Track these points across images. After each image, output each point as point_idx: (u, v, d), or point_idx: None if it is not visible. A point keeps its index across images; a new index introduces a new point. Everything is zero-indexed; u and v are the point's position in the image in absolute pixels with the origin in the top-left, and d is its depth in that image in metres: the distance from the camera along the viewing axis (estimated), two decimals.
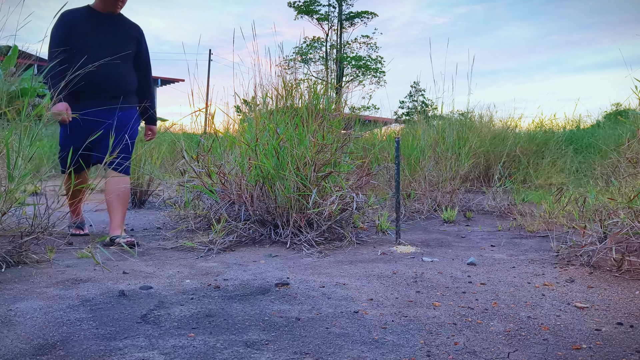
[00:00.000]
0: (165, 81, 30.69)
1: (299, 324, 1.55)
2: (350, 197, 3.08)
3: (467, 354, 1.31)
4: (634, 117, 4.22)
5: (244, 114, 4.17)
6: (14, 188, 2.33)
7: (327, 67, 11.83)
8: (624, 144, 3.20)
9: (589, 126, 9.19)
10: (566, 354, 1.31)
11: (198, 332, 1.47)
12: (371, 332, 1.47)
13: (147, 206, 4.88)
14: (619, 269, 2.13)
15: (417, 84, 32.69)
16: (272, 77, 3.51)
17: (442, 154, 4.91)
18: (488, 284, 2.02)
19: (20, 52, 7.52)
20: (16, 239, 2.37)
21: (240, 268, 2.32)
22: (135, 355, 1.29)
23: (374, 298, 1.82)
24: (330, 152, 3.11)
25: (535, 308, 1.70)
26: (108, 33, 2.82)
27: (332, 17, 29.67)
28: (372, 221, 3.68)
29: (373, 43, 30.31)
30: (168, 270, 2.27)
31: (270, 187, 2.98)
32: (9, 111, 2.41)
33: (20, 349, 1.33)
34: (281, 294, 1.87)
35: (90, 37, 2.77)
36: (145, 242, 3.03)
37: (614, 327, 1.50)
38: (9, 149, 2.27)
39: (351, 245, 2.91)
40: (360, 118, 5.27)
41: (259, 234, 3.01)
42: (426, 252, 2.74)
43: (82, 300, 1.77)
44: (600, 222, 2.49)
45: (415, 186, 4.75)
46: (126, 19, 2.96)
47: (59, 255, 2.58)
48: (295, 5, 29.22)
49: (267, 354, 1.31)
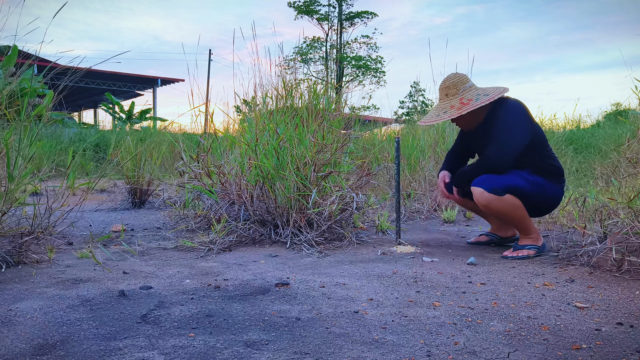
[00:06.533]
0: (165, 81, 30.72)
1: (299, 324, 1.55)
2: (350, 197, 3.08)
3: (467, 354, 1.31)
4: (634, 117, 4.23)
5: (244, 114, 4.17)
6: (14, 188, 2.33)
7: (327, 67, 11.83)
8: (624, 144, 3.20)
9: (589, 126, 9.19)
10: (566, 354, 1.31)
11: (198, 332, 1.47)
12: (371, 332, 1.47)
13: (147, 206, 4.88)
14: (619, 269, 2.13)
15: (417, 84, 32.73)
16: (272, 77, 3.51)
17: (442, 154, 4.91)
18: (488, 284, 2.02)
19: (20, 52, 7.53)
20: (16, 239, 2.37)
21: (240, 268, 2.32)
22: (135, 355, 1.29)
23: (374, 298, 1.82)
24: (330, 152, 3.11)
25: (535, 308, 1.70)
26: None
27: (332, 17, 29.70)
28: (372, 221, 3.68)
29: (373, 43, 30.32)
30: (168, 270, 2.27)
31: (270, 187, 2.98)
32: (8, 112, 2.41)
33: (20, 349, 1.33)
34: (281, 294, 1.87)
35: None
36: (145, 242, 3.03)
37: (614, 327, 1.50)
38: (9, 149, 2.27)
39: (351, 245, 2.91)
40: (360, 118, 5.27)
41: (259, 234, 3.01)
42: (426, 252, 2.74)
43: (82, 300, 1.77)
44: (600, 222, 2.49)
45: (415, 186, 4.76)
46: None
47: (59, 255, 2.58)
48: (295, 5, 29.23)
49: (267, 354, 1.31)
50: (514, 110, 2.57)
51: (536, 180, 2.57)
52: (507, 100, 2.64)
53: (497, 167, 2.55)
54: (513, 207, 2.51)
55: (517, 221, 2.57)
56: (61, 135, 10.74)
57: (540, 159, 2.60)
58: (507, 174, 2.54)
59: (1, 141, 2.33)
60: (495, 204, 2.49)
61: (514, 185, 2.50)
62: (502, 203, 2.49)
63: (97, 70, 23.66)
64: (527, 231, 2.60)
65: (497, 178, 2.51)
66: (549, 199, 2.63)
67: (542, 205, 2.65)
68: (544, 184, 2.58)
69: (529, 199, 2.54)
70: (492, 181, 2.51)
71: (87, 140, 9.28)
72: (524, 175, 2.55)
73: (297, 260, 2.52)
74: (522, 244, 2.60)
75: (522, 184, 2.52)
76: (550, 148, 2.68)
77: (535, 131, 2.60)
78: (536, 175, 2.58)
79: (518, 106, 2.59)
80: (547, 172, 2.61)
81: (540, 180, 2.58)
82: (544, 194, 2.58)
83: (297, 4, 29.16)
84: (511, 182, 2.50)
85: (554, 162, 2.64)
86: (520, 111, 2.58)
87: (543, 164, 2.60)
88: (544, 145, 2.62)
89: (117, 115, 22.56)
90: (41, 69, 3.13)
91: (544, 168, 2.60)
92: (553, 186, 2.61)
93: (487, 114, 2.67)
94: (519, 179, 2.53)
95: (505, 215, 2.55)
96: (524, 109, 2.60)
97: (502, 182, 2.50)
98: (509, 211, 2.52)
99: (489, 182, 2.51)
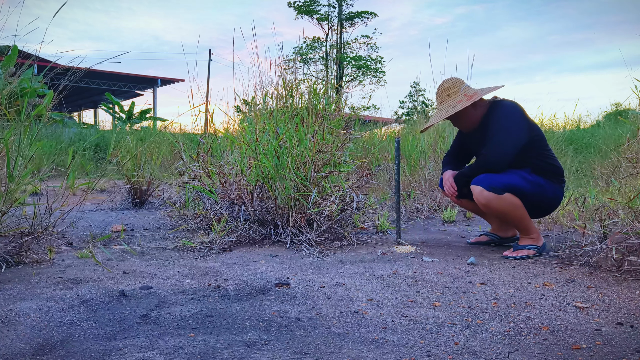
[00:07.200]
0: (165, 81, 30.72)
1: (299, 324, 1.55)
2: (350, 197, 3.08)
3: (467, 354, 1.31)
4: (634, 117, 4.22)
5: (244, 114, 4.17)
6: (14, 188, 2.33)
7: (327, 67, 11.83)
8: (624, 144, 3.20)
9: (589, 126, 9.19)
10: (566, 354, 1.31)
11: (198, 332, 1.47)
12: (371, 332, 1.47)
13: (147, 206, 4.88)
14: (619, 269, 2.13)
15: (417, 84, 32.75)
16: (272, 77, 3.52)
17: (442, 154, 4.91)
18: (488, 284, 2.02)
19: (20, 52, 7.53)
20: (16, 239, 2.37)
21: (240, 268, 2.32)
22: (135, 355, 1.29)
23: (374, 298, 1.82)
24: (330, 152, 3.11)
25: (535, 308, 1.70)
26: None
27: (332, 17, 29.69)
28: (372, 221, 3.68)
29: (373, 43, 30.31)
30: (168, 270, 2.27)
31: (270, 187, 2.98)
32: (8, 112, 2.41)
33: (20, 349, 1.33)
34: (281, 294, 1.87)
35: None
36: (145, 242, 3.03)
37: (614, 327, 1.50)
38: (9, 149, 2.27)
39: (351, 245, 2.91)
40: (360, 118, 5.27)
41: (259, 234, 3.01)
42: (426, 252, 2.74)
43: (82, 300, 1.77)
44: (600, 222, 2.49)
45: (415, 186, 4.76)
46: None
47: (59, 255, 2.58)
48: (295, 5, 29.22)
49: (267, 354, 1.31)
50: (511, 110, 2.59)
51: (536, 180, 2.57)
52: (503, 101, 2.65)
53: (494, 166, 2.55)
54: (513, 206, 2.51)
55: (517, 221, 2.57)
56: (61, 135, 10.74)
57: (540, 158, 2.60)
58: (507, 173, 2.54)
59: (1, 141, 2.33)
60: (495, 202, 2.49)
61: (513, 185, 2.50)
62: (502, 202, 2.49)
63: (97, 70, 23.66)
64: (528, 231, 2.60)
65: (497, 177, 2.52)
66: (549, 199, 2.63)
67: (542, 206, 2.65)
68: (543, 184, 2.58)
69: (528, 198, 2.54)
70: (492, 180, 2.51)
71: (87, 140, 9.28)
72: (523, 174, 2.56)
73: (297, 260, 2.52)
74: (522, 244, 2.60)
75: (522, 184, 2.52)
76: (550, 148, 2.68)
77: (533, 131, 2.60)
78: (536, 175, 2.58)
79: (514, 107, 2.61)
80: (546, 172, 2.61)
81: (540, 180, 2.58)
82: (543, 193, 2.58)
83: (297, 4, 29.16)
84: (510, 181, 2.51)
85: (554, 162, 2.64)
86: (517, 111, 2.59)
87: (542, 164, 2.60)
88: (543, 145, 2.62)
89: (117, 115, 22.56)
90: (41, 69, 3.13)
91: (543, 168, 2.60)
92: (553, 186, 2.61)
93: (484, 115, 2.68)
94: (518, 178, 2.53)
95: (505, 214, 2.55)
96: (521, 110, 2.61)
97: (502, 181, 2.50)
98: (508, 210, 2.52)
99: (488, 181, 2.51)
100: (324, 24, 29.86)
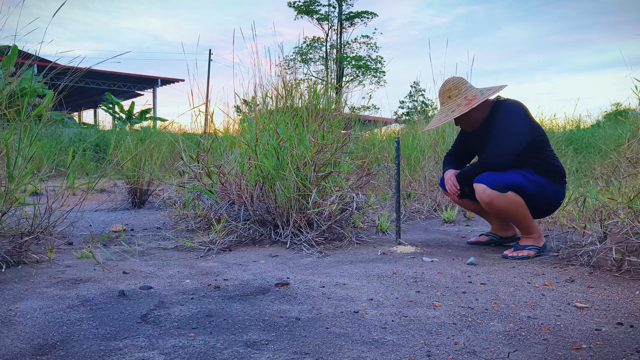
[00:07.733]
0: (165, 81, 30.73)
1: (299, 324, 1.55)
2: (350, 197, 3.08)
3: (467, 354, 1.31)
4: (634, 117, 4.22)
5: (244, 114, 4.17)
6: (14, 188, 2.33)
7: (327, 67, 11.82)
8: (624, 144, 3.20)
9: (589, 126, 9.20)
10: (566, 354, 1.31)
11: (198, 332, 1.47)
12: (371, 332, 1.47)
13: (147, 206, 4.88)
14: (619, 269, 2.13)
15: (417, 84, 32.73)
16: (272, 77, 3.52)
17: (442, 154, 4.91)
18: (488, 284, 2.02)
19: (20, 52, 7.53)
20: (16, 239, 2.37)
21: (240, 268, 2.32)
22: (135, 355, 1.29)
23: (374, 298, 1.82)
24: (330, 152, 3.11)
25: (535, 308, 1.70)
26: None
27: (332, 17, 29.69)
28: (372, 221, 3.68)
29: (373, 43, 30.32)
30: (168, 270, 2.27)
31: (270, 187, 2.98)
32: (8, 112, 2.41)
33: (20, 349, 1.33)
34: (281, 294, 1.87)
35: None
36: (145, 242, 3.03)
37: (614, 327, 1.50)
38: (9, 149, 2.27)
39: (351, 245, 2.91)
40: (360, 118, 5.27)
41: (259, 234, 3.01)
42: (426, 252, 2.74)
43: (82, 300, 1.77)
44: (600, 222, 2.49)
45: (415, 186, 4.76)
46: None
47: (59, 255, 2.58)
48: (295, 5, 29.23)
49: (267, 354, 1.31)
50: (515, 110, 2.58)
51: (537, 180, 2.57)
52: (507, 101, 2.65)
53: (495, 165, 2.55)
54: (515, 204, 2.51)
55: (519, 220, 2.57)
56: (61, 135, 10.74)
57: (542, 158, 2.60)
58: (509, 172, 2.54)
59: (1, 141, 2.33)
60: (498, 201, 2.50)
61: (516, 183, 2.51)
62: (505, 200, 2.50)
63: (97, 70, 23.66)
64: (529, 231, 2.60)
65: (500, 175, 2.52)
66: (550, 199, 2.63)
67: (543, 206, 2.65)
68: (544, 184, 2.58)
69: (530, 198, 2.54)
70: (495, 178, 2.51)
71: (87, 140, 9.28)
72: (525, 174, 2.56)
73: (297, 260, 2.52)
74: (523, 244, 2.60)
75: (524, 183, 2.53)
76: (552, 149, 2.69)
77: (536, 132, 2.60)
78: (537, 174, 2.59)
79: (518, 106, 2.61)
80: (548, 172, 2.61)
81: (542, 180, 2.58)
82: (545, 193, 2.58)
83: (297, 4, 29.16)
84: (514, 180, 2.51)
85: (556, 162, 2.64)
86: (520, 111, 2.59)
87: (544, 164, 2.60)
88: (545, 146, 2.62)
89: (117, 115, 22.56)
90: (41, 69, 3.13)
91: (545, 168, 2.60)
92: (554, 186, 2.61)
93: (488, 115, 2.68)
94: (520, 177, 2.54)
95: (508, 213, 2.55)
96: (524, 109, 2.61)
97: (505, 179, 2.51)
98: (511, 209, 2.52)
99: (492, 179, 2.51)
100: (324, 24, 29.87)
